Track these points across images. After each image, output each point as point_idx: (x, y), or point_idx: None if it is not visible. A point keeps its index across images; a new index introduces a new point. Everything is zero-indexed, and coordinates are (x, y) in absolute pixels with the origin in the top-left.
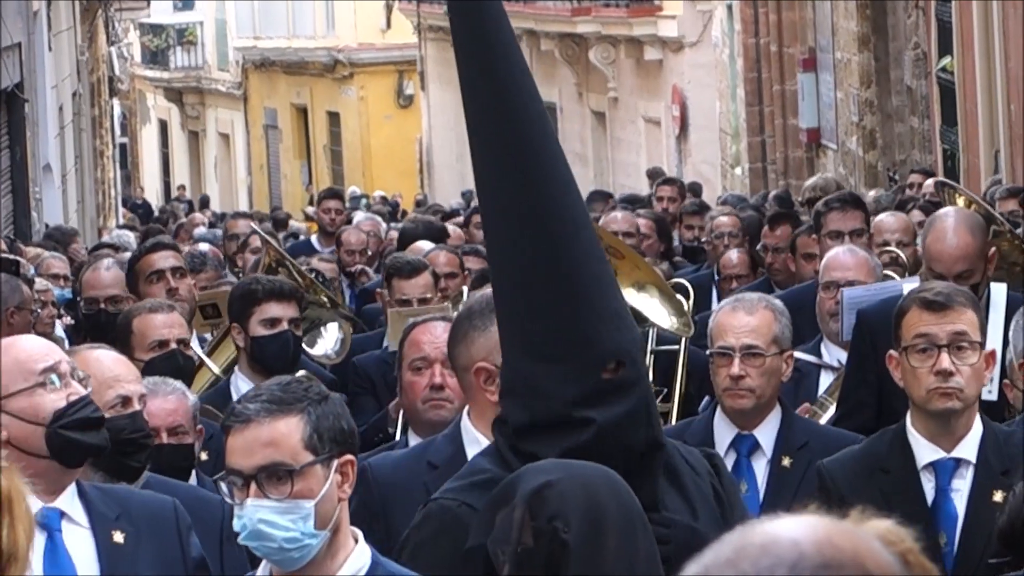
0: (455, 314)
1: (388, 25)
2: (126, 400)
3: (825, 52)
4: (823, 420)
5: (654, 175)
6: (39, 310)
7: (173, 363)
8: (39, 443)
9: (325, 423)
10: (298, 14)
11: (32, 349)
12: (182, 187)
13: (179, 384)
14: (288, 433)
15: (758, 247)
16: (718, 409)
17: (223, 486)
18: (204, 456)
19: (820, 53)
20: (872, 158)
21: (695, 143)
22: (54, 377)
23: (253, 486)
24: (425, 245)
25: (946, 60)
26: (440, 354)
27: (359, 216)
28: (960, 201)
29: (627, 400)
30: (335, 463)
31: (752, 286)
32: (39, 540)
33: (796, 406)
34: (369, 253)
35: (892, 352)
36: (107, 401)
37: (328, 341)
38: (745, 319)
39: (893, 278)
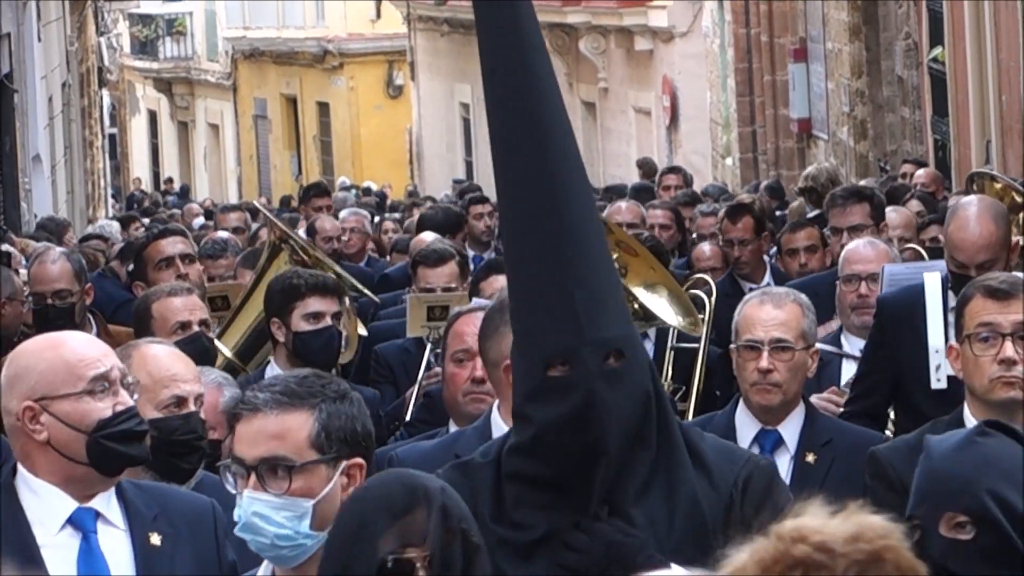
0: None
1: (378, 15)
2: (181, 400)
3: (816, 42)
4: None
5: (644, 165)
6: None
7: (199, 346)
8: (80, 449)
9: (336, 422)
10: (288, 4)
11: (84, 352)
12: (170, 180)
13: (216, 375)
14: (295, 428)
15: (720, 241)
16: (740, 404)
17: (228, 475)
18: None
19: (811, 43)
20: (863, 148)
21: (685, 133)
22: (104, 384)
23: (253, 477)
24: (428, 237)
25: (937, 50)
26: None
27: (344, 212)
28: (998, 188)
29: (566, 402)
30: (343, 465)
31: (719, 281)
32: (74, 541)
33: (816, 393)
34: (351, 245)
35: (953, 343)
36: (161, 400)
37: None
38: (773, 312)
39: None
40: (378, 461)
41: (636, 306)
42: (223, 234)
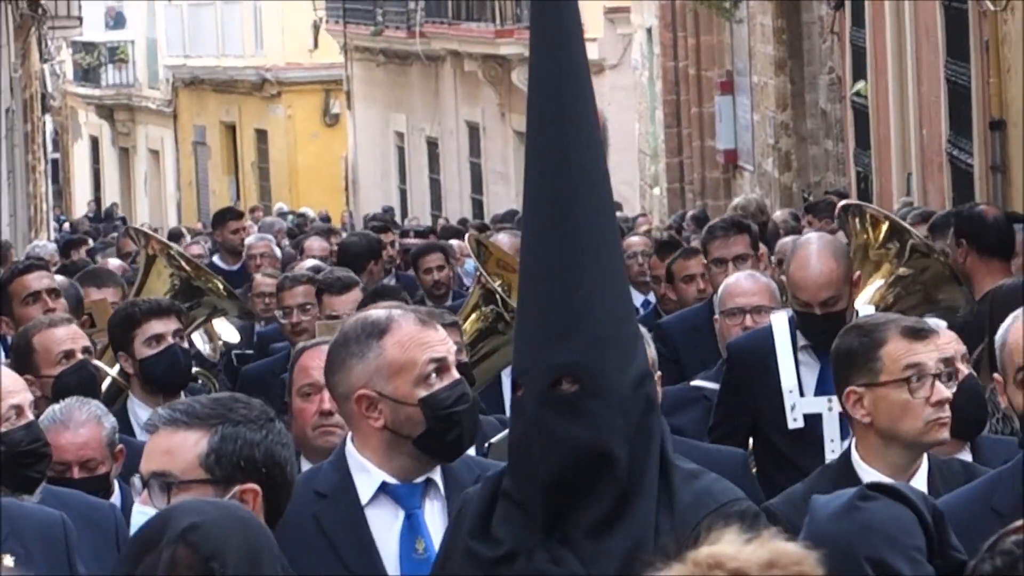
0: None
1: (315, 45)
2: (19, 410)
3: (742, 75)
4: None
5: None
6: None
7: (84, 373)
8: None
9: (230, 446)
10: (227, 33)
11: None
12: (115, 204)
13: (93, 408)
14: (185, 447)
15: (647, 278)
16: None
17: (133, 487)
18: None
19: (737, 76)
20: (787, 180)
21: (615, 163)
22: None
23: (145, 491)
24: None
25: (860, 85)
26: None
27: (251, 239)
28: (868, 217)
29: (517, 423)
30: (234, 489)
31: (640, 317)
32: None
33: (702, 433)
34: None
35: (854, 388)
36: (1, 414)
37: (201, 343)
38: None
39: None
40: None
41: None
42: (113, 262)
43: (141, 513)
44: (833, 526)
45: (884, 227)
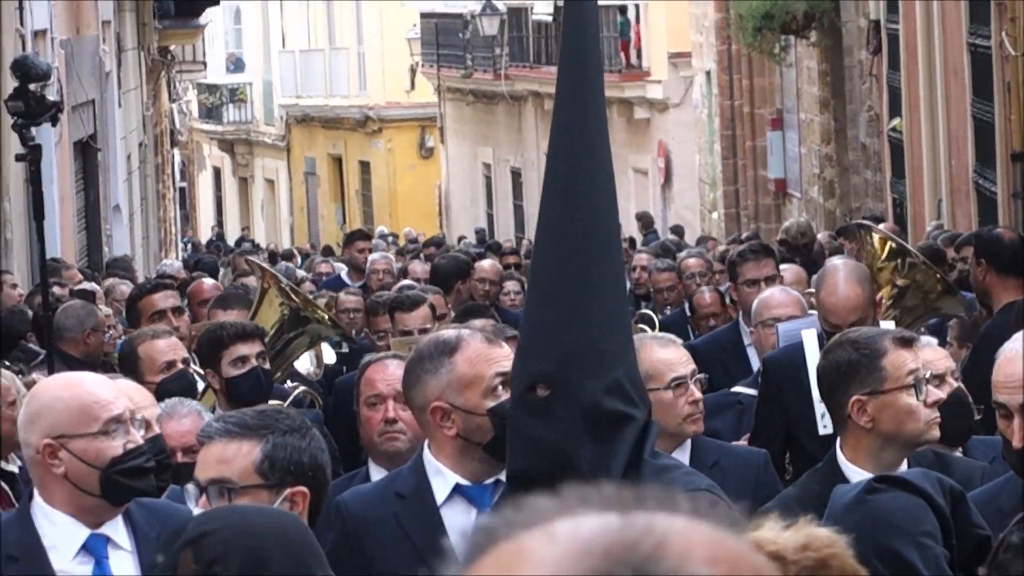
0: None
1: (412, 86)
2: (147, 425)
3: (791, 113)
4: None
5: (643, 218)
6: (110, 331)
7: (183, 381)
8: (93, 483)
9: (281, 453)
10: (334, 76)
11: (100, 394)
12: (246, 228)
13: (194, 405)
14: (241, 455)
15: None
16: None
17: (188, 494)
18: None
19: (786, 114)
20: (831, 205)
21: (677, 191)
22: (116, 425)
23: (204, 497)
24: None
25: (896, 121)
26: (392, 390)
27: (374, 256)
28: (875, 239)
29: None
30: (285, 492)
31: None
32: (87, 567)
33: (740, 435)
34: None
35: (859, 396)
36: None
37: (303, 363)
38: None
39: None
40: (328, 503)
41: None
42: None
43: None
44: (844, 518)
45: (888, 246)
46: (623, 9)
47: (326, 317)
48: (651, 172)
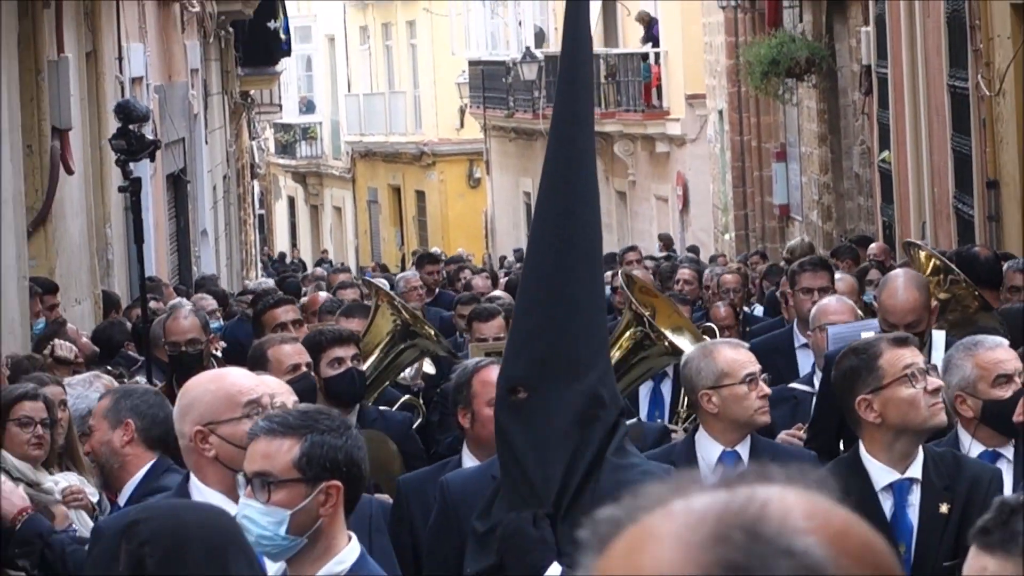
0: None
1: (461, 125)
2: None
3: (793, 147)
4: None
5: (663, 239)
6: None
7: (306, 383)
8: (241, 462)
9: (318, 450)
10: (393, 116)
11: (241, 384)
12: (325, 251)
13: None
14: (282, 451)
15: (778, 293)
16: (700, 430)
17: (239, 484)
18: None
19: (789, 147)
20: (828, 227)
21: (694, 215)
22: (257, 408)
23: (249, 487)
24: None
25: (885, 153)
26: None
27: (406, 274)
28: (922, 256)
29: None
30: (321, 485)
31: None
32: None
33: (793, 426)
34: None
35: (864, 396)
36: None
37: (426, 367)
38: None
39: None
40: (404, 488)
41: (666, 343)
42: (350, 293)
43: (247, 505)
44: None
45: (932, 262)
46: (646, 56)
47: (432, 332)
48: (671, 199)
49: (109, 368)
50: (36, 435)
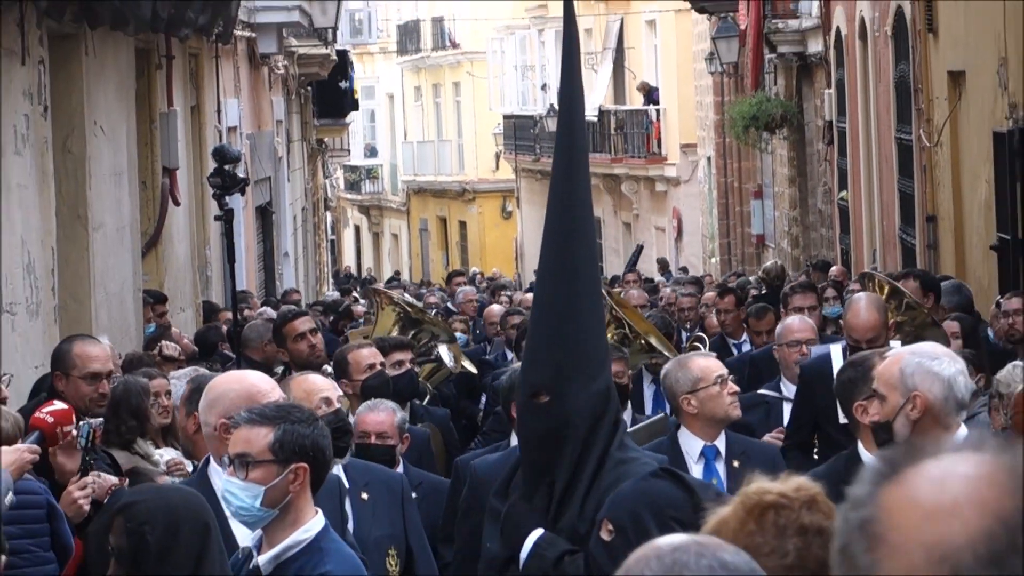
0: None
1: (497, 167)
2: (328, 401)
3: (768, 187)
4: None
5: (661, 263)
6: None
7: (381, 379)
8: None
9: (290, 437)
10: (441, 159)
11: (260, 386)
12: (398, 272)
13: (390, 404)
14: (259, 437)
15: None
16: (682, 428)
17: (223, 464)
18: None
19: (765, 187)
20: (796, 254)
21: (686, 242)
22: None
23: (231, 466)
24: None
25: (843, 193)
26: None
27: (465, 288)
28: (878, 282)
29: (517, 421)
30: (291, 466)
31: (712, 340)
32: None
33: (768, 430)
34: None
35: (860, 402)
36: (315, 404)
37: (445, 357)
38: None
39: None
40: (462, 467)
41: (641, 342)
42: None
43: (229, 481)
44: (628, 488)
45: (887, 288)
46: (648, 113)
47: (434, 316)
48: (667, 229)
49: (207, 365)
50: (162, 406)
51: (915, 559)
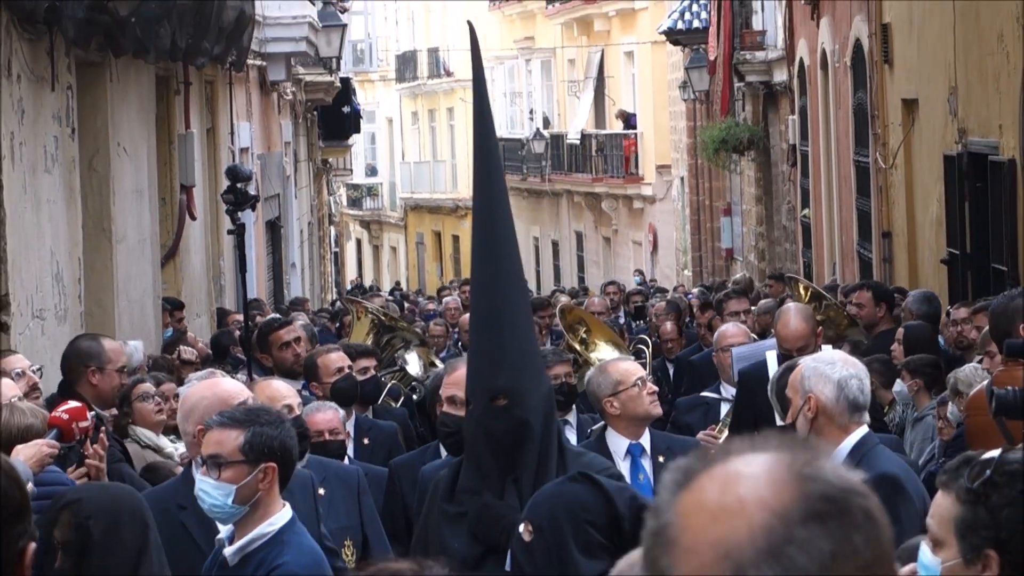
0: None
1: None
2: (290, 408)
3: (736, 204)
4: (724, 436)
5: (639, 274)
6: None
7: (349, 381)
8: None
9: (259, 439)
10: (436, 178)
11: (231, 391)
12: (374, 280)
13: (333, 404)
14: (230, 439)
15: (693, 323)
16: (608, 429)
17: (196, 465)
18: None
19: (734, 205)
20: (763, 266)
21: (661, 255)
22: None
23: (204, 467)
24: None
25: (806, 211)
26: None
27: (448, 298)
28: (801, 287)
29: (469, 424)
30: (261, 466)
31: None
32: None
33: (705, 427)
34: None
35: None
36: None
37: (413, 367)
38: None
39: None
40: (414, 474)
41: (579, 358)
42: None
43: (203, 480)
44: (548, 491)
45: (809, 291)
46: (626, 136)
47: (407, 325)
48: (644, 243)
49: (221, 367)
50: (156, 403)
51: (704, 559)
